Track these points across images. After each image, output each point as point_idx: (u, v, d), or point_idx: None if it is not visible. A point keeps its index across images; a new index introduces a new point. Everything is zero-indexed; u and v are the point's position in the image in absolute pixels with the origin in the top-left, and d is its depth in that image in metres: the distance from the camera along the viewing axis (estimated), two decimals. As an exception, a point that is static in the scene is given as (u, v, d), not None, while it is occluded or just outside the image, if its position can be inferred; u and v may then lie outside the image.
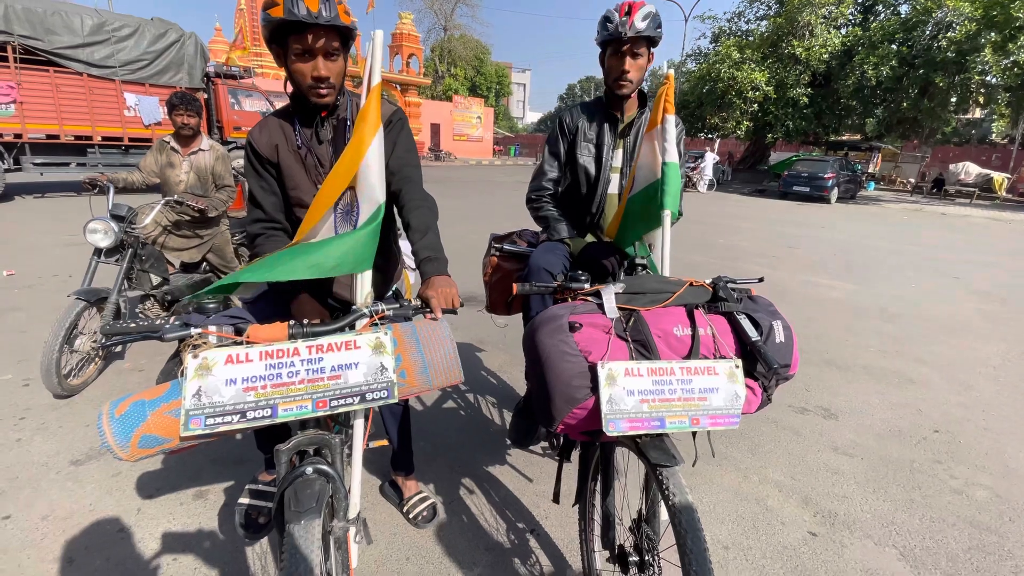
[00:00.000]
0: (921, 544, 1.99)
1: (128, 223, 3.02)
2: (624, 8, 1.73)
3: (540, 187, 2.05)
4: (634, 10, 1.71)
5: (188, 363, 0.98)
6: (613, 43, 1.79)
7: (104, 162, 10.18)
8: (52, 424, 2.55)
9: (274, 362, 1.01)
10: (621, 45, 1.76)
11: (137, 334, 1.02)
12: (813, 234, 10.33)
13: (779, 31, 21.87)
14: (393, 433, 1.89)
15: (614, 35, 1.74)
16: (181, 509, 2.00)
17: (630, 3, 1.73)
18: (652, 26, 1.73)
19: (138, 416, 0.99)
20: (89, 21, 9.44)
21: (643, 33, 1.72)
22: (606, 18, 1.79)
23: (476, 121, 36.77)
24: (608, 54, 1.84)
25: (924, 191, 23.46)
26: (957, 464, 2.55)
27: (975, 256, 8.64)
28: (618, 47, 1.78)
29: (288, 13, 1.21)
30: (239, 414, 0.98)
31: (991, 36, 16.98)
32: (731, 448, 2.59)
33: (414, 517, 1.94)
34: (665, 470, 1.18)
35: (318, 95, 1.35)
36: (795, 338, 1.29)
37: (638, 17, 1.70)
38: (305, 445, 1.14)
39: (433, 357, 1.12)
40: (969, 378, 3.59)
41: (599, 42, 1.85)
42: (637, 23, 1.70)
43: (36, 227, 7.24)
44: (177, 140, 3.38)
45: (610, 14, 1.77)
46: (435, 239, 1.35)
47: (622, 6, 1.75)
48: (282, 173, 1.48)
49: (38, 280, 4.79)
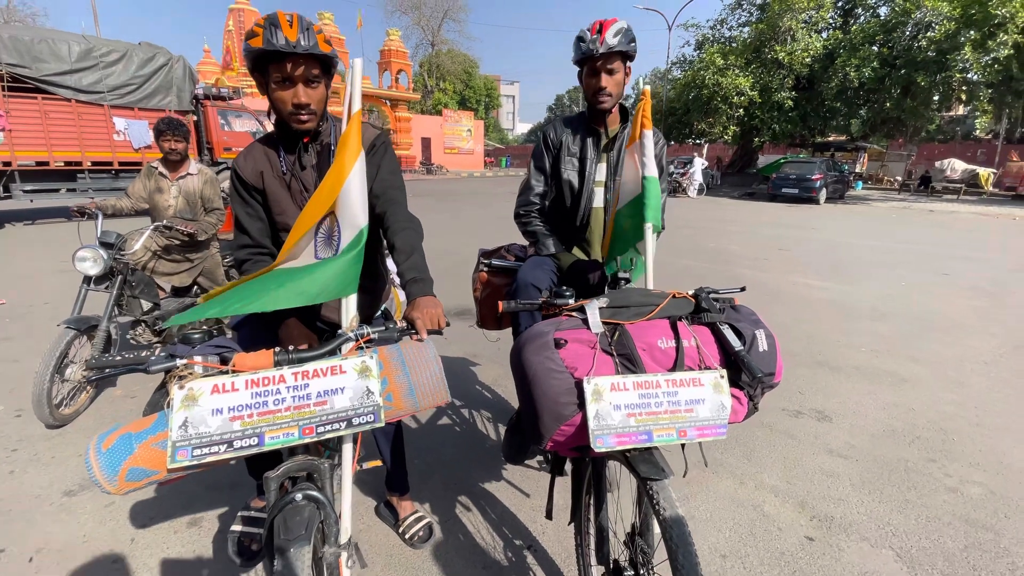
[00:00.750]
0: (917, 544, 1.99)
1: (117, 250, 3.02)
2: (596, 26, 1.78)
3: (528, 202, 2.08)
4: (605, 27, 1.76)
5: (174, 394, 0.98)
6: (588, 61, 1.83)
7: (94, 187, 10.16)
8: (45, 455, 2.52)
9: (260, 390, 1.02)
10: (596, 62, 1.81)
11: (123, 367, 1.02)
12: (803, 235, 10.42)
13: (761, 37, 22.22)
14: (386, 453, 1.88)
15: (588, 53, 1.79)
16: (175, 538, 1.99)
17: (601, 21, 1.79)
18: (624, 41, 1.77)
19: (125, 449, 0.99)
20: (77, 47, 9.47)
21: (616, 48, 1.76)
22: (579, 38, 1.84)
23: (466, 134, 37.03)
24: (585, 72, 1.88)
25: (911, 188, 23.72)
26: (951, 462, 2.56)
27: (963, 252, 8.74)
28: (593, 64, 1.82)
29: (267, 43, 1.23)
30: (226, 444, 0.99)
31: (970, 34, 17.30)
32: (726, 454, 2.59)
33: (410, 537, 1.93)
34: (655, 484, 1.18)
35: (299, 121, 1.37)
36: (778, 346, 1.31)
37: (609, 34, 1.75)
38: (294, 471, 1.14)
39: (419, 379, 1.13)
40: (961, 375, 3.62)
41: (575, 61, 1.89)
42: (609, 39, 1.75)
43: (27, 255, 7.21)
44: (165, 165, 3.39)
45: (583, 34, 1.82)
46: (420, 260, 1.36)
47: (593, 25, 1.80)
48: (268, 199, 1.50)
49: (29, 309, 4.76)
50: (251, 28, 1.25)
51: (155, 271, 3.42)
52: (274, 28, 1.23)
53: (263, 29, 1.24)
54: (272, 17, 1.25)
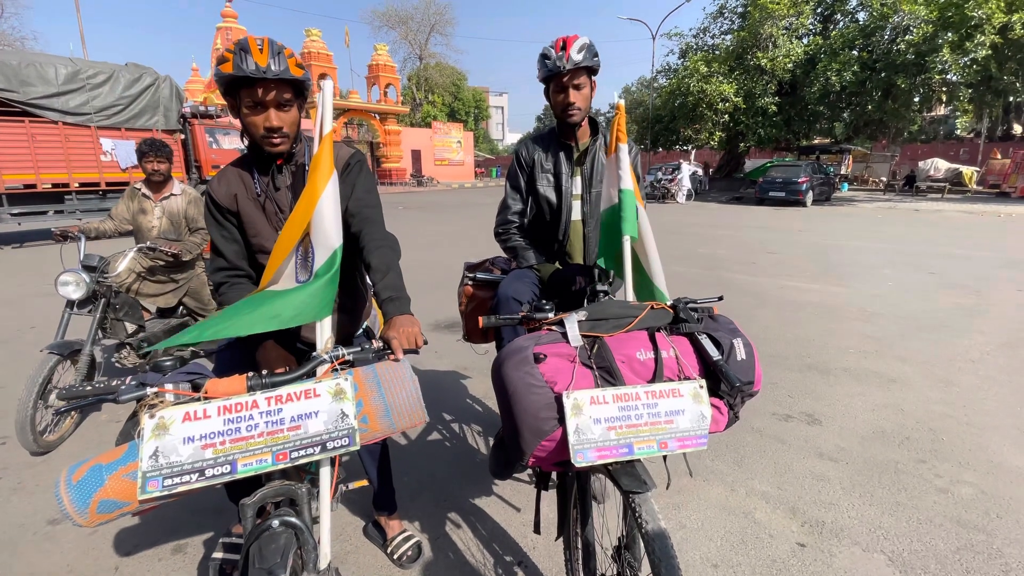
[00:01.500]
0: (909, 548, 1.99)
1: (100, 273, 3.00)
2: (559, 43, 1.82)
3: (506, 220, 2.10)
4: (569, 44, 1.79)
5: (144, 423, 0.97)
6: (555, 78, 1.86)
7: (82, 208, 10.12)
8: (29, 483, 2.48)
9: (232, 416, 1.01)
10: (562, 78, 1.83)
11: (93, 397, 1.01)
12: (790, 238, 10.51)
13: (743, 44, 22.59)
14: (373, 473, 1.86)
15: (554, 70, 1.82)
16: (160, 565, 1.95)
17: (564, 38, 1.82)
18: (588, 56, 1.81)
19: (95, 481, 0.97)
20: (63, 70, 9.46)
21: (581, 64, 1.79)
22: (544, 55, 1.87)
23: (456, 145, 37.21)
24: (552, 89, 1.91)
25: (896, 189, 24.03)
26: (941, 462, 2.57)
27: (949, 250, 8.84)
28: (560, 81, 1.85)
29: (237, 69, 1.23)
30: (197, 472, 0.97)
31: (948, 36, 17.65)
32: (717, 461, 2.59)
33: (398, 557, 1.90)
34: (637, 497, 1.18)
35: (271, 144, 1.37)
36: (756, 354, 1.31)
37: (574, 50, 1.78)
38: (271, 497, 1.12)
39: (395, 400, 1.12)
40: (949, 374, 3.64)
41: (541, 79, 1.92)
42: (574, 56, 1.78)
43: (14, 278, 7.14)
44: (148, 186, 3.38)
45: (547, 51, 1.85)
46: (396, 279, 1.36)
47: (557, 42, 1.83)
48: (243, 221, 1.49)
49: (16, 333, 4.70)
50: (222, 53, 1.25)
51: (140, 292, 3.40)
52: (244, 54, 1.24)
53: (233, 55, 1.24)
54: (242, 42, 1.25)
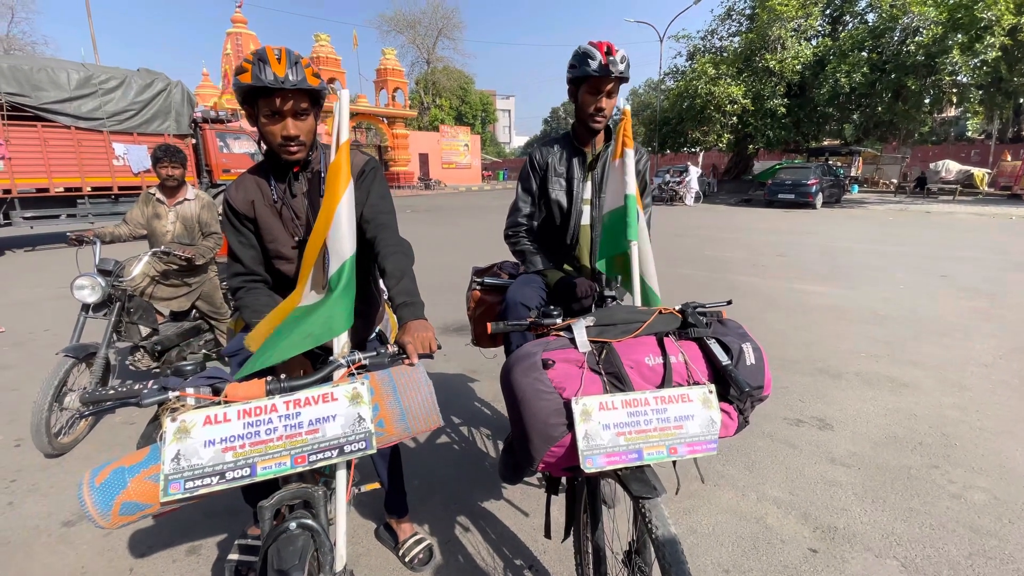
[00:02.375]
0: (922, 553, 1.98)
1: (115, 277, 3.05)
2: (604, 47, 1.78)
3: (516, 223, 2.10)
4: (612, 51, 1.78)
5: (166, 427, 0.99)
6: (593, 80, 1.82)
7: (94, 212, 10.25)
8: (43, 485, 2.52)
9: (252, 420, 1.03)
10: (603, 83, 1.81)
11: (116, 401, 1.03)
12: (800, 240, 10.45)
13: (752, 46, 22.51)
14: (384, 476, 1.88)
15: (601, 73, 1.77)
16: (174, 567, 1.97)
17: (608, 44, 1.79)
18: (627, 68, 1.82)
19: (118, 483, 0.99)
20: (75, 75, 9.61)
21: (623, 74, 1.80)
22: (586, 54, 1.80)
23: (463, 149, 37.33)
24: (584, 90, 1.86)
25: (907, 191, 23.82)
26: (954, 467, 2.55)
27: (961, 252, 8.75)
28: (598, 84, 1.82)
29: (255, 79, 1.26)
30: (218, 475, 0.99)
31: (958, 38, 17.50)
32: (728, 466, 2.58)
33: (410, 560, 1.92)
34: (647, 502, 1.18)
35: (288, 153, 1.40)
36: (766, 359, 1.32)
37: (617, 57, 1.78)
38: (288, 500, 1.14)
39: (410, 404, 1.14)
40: (961, 378, 3.61)
41: (576, 77, 1.86)
42: (617, 63, 1.77)
43: (27, 281, 7.24)
44: (162, 191, 3.43)
45: (590, 51, 1.79)
46: (410, 284, 1.38)
47: (601, 45, 1.78)
48: (259, 227, 1.52)
49: (29, 336, 4.77)
50: (240, 63, 1.28)
51: (153, 296, 3.44)
52: (263, 64, 1.26)
53: (252, 65, 1.26)
54: (260, 52, 1.28)
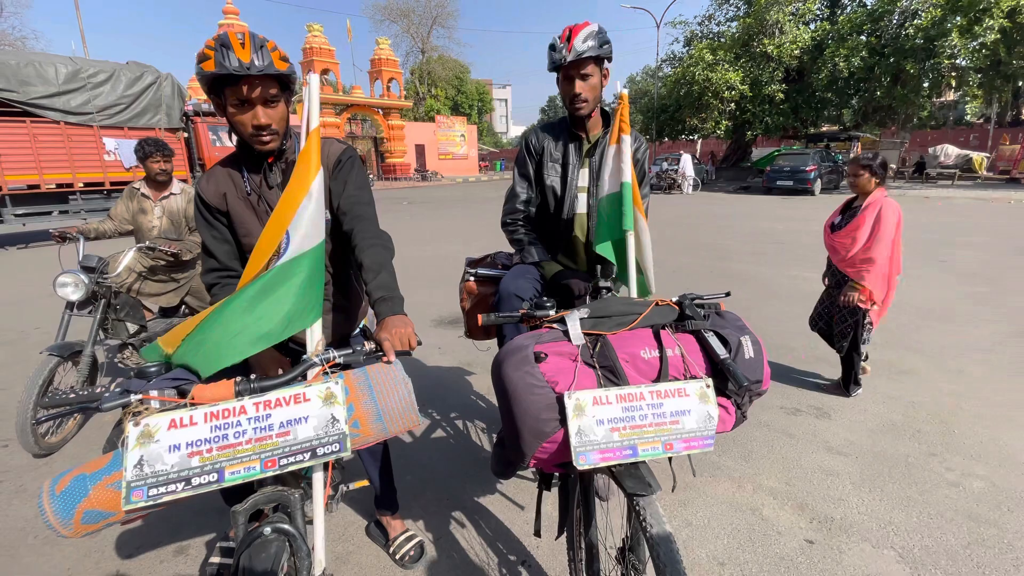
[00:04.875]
0: (920, 543, 1.95)
1: (99, 273, 2.98)
2: (565, 33, 1.74)
3: (513, 209, 2.04)
4: (574, 33, 1.71)
5: (129, 431, 0.94)
6: (561, 69, 1.79)
7: (87, 208, 10.13)
8: (30, 486, 2.48)
9: (220, 423, 0.98)
10: (568, 69, 1.77)
11: (77, 404, 0.98)
12: (799, 227, 10.38)
13: (749, 31, 22.28)
14: (373, 473, 1.84)
15: (557, 62, 1.76)
16: (162, 567, 1.94)
17: (570, 27, 1.75)
18: (596, 45, 1.72)
19: (79, 491, 0.95)
20: (63, 70, 9.44)
21: (585, 54, 1.71)
22: (551, 46, 1.80)
23: (460, 139, 37.03)
24: (560, 79, 1.85)
25: (906, 176, 23.69)
26: (952, 455, 2.51)
27: (960, 237, 8.70)
28: (566, 72, 1.78)
29: (219, 66, 1.18)
30: (183, 481, 0.94)
31: (956, 20, 17.35)
32: (724, 457, 2.54)
33: (401, 557, 1.88)
34: (641, 499, 1.14)
35: (261, 142, 1.33)
36: (765, 352, 1.27)
37: (579, 40, 1.70)
38: (262, 504, 1.09)
39: (387, 403, 1.08)
40: (960, 364, 3.57)
41: (549, 70, 1.85)
42: (578, 46, 1.70)
43: (18, 279, 7.17)
44: (150, 185, 3.36)
45: (554, 41, 1.78)
46: (389, 278, 1.31)
47: (563, 31, 1.76)
48: (232, 220, 1.45)
49: (20, 335, 4.71)
50: (202, 50, 1.20)
51: (141, 292, 3.38)
52: (226, 50, 1.19)
53: (214, 51, 1.19)
54: (223, 37, 1.20)
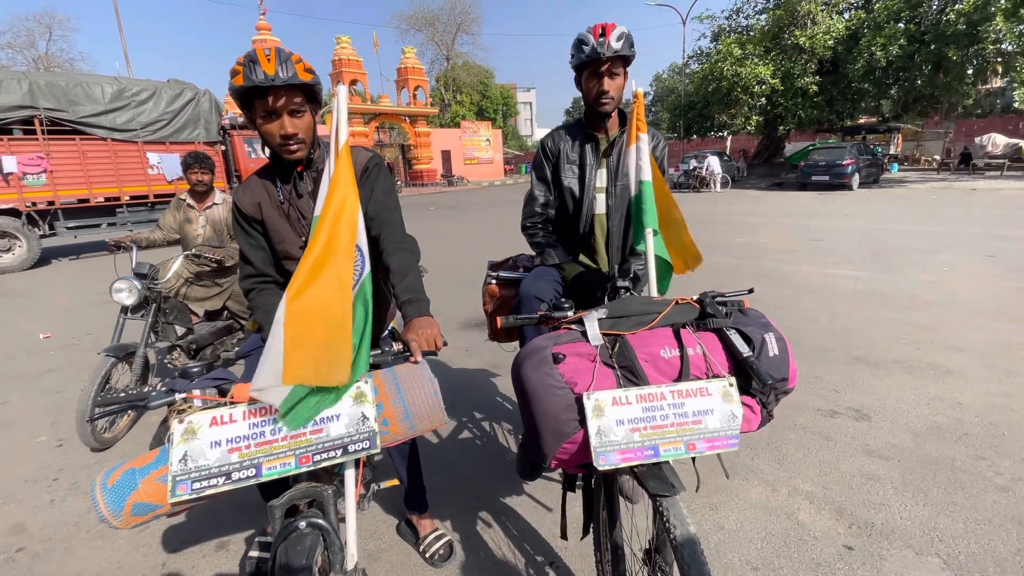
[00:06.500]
0: (966, 550, 1.87)
1: (151, 280, 3.16)
2: (598, 30, 1.76)
3: (533, 213, 2.07)
4: (608, 31, 1.73)
5: (174, 428, 1.00)
6: (591, 64, 1.80)
7: (132, 219, 10.67)
8: (84, 483, 2.62)
9: (257, 420, 1.03)
10: (599, 66, 1.78)
11: (126, 404, 1.05)
12: (835, 224, 10.05)
13: (779, 23, 21.69)
14: (403, 472, 1.88)
15: (592, 56, 1.76)
16: (204, 562, 2.02)
17: (603, 25, 1.76)
18: (626, 46, 1.75)
19: (129, 485, 1.01)
20: (109, 89, 9.99)
21: (619, 53, 1.74)
22: (581, 41, 1.80)
23: (485, 144, 37.29)
24: (586, 76, 1.85)
25: (951, 167, 22.63)
26: (1001, 458, 2.40)
27: (1010, 231, 8.26)
28: (596, 68, 1.79)
29: (247, 80, 1.27)
30: (224, 476, 1.00)
31: (1000, 3, 16.45)
32: (757, 460, 2.49)
33: (431, 556, 1.92)
34: (665, 500, 1.14)
35: (288, 151, 1.40)
36: (790, 350, 1.25)
37: (613, 38, 1.72)
38: (298, 499, 1.14)
39: (414, 402, 1.12)
40: (1010, 364, 3.40)
41: (576, 65, 1.86)
42: (613, 43, 1.72)
43: (71, 288, 7.59)
44: (192, 196, 3.54)
45: (584, 37, 1.79)
46: (415, 281, 1.36)
47: (595, 28, 1.77)
48: (267, 229, 1.53)
49: (73, 340, 4.99)
50: (233, 67, 1.28)
51: (188, 297, 3.55)
52: (253, 64, 1.27)
53: (243, 67, 1.27)
54: (251, 54, 1.29)
